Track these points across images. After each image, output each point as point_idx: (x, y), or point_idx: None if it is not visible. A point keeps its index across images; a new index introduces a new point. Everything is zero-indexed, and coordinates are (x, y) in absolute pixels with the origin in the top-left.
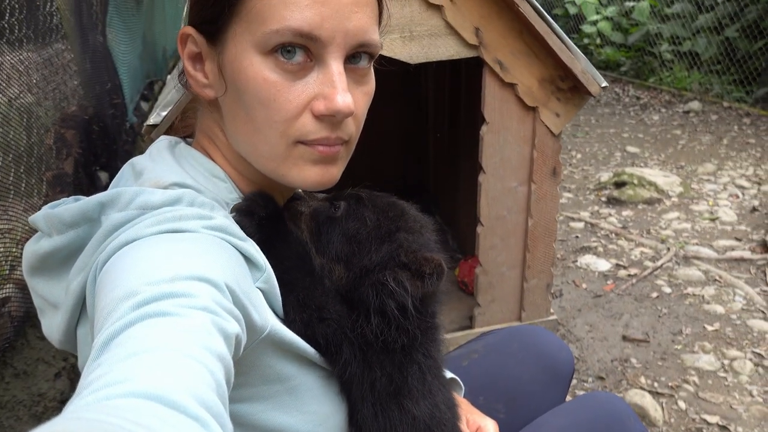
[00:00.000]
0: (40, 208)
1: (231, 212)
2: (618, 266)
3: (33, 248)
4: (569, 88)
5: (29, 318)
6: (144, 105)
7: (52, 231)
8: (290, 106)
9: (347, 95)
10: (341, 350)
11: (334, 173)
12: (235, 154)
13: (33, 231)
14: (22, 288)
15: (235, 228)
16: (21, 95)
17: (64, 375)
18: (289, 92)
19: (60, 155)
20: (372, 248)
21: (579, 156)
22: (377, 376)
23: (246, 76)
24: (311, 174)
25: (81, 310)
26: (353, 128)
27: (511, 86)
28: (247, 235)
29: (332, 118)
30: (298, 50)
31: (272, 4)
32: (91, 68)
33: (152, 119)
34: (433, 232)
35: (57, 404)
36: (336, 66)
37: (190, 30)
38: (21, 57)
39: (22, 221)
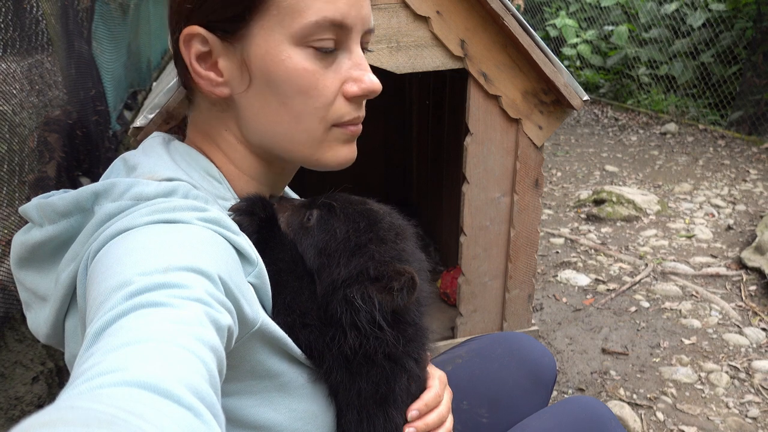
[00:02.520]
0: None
1: (229, 212)
2: (597, 281)
3: (22, 239)
4: (552, 101)
5: (7, 320)
6: (127, 114)
7: (44, 221)
8: (328, 92)
9: (373, 75)
10: (324, 358)
11: (355, 150)
12: (242, 151)
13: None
14: (1, 289)
15: (229, 222)
16: (4, 97)
17: (42, 379)
18: (325, 79)
19: (43, 158)
20: (341, 262)
21: (559, 174)
22: (362, 385)
23: (285, 68)
24: (343, 153)
25: (70, 301)
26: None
27: (495, 98)
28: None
29: (363, 99)
30: (328, 39)
31: None
32: (75, 74)
33: (139, 122)
34: (409, 240)
35: (34, 408)
36: (358, 50)
37: (198, 29)
38: (6, 60)
39: (2, 224)
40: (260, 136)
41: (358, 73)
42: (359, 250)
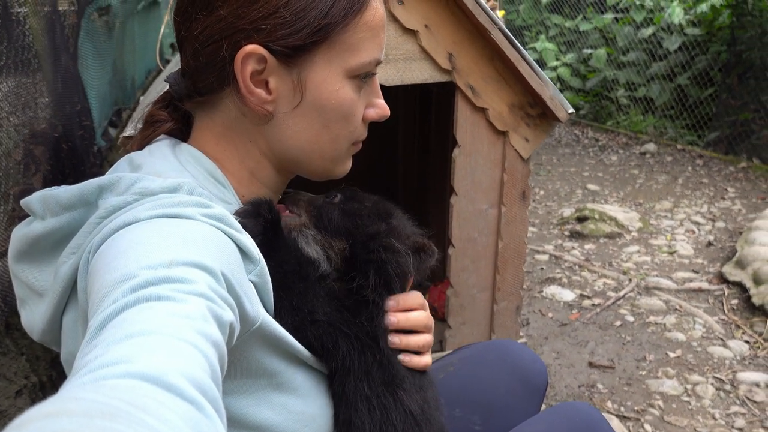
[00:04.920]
0: (5, 223)
1: (235, 215)
2: (582, 296)
3: (23, 231)
4: (538, 114)
5: None
6: (112, 131)
7: (46, 213)
8: (360, 117)
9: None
10: (338, 344)
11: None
12: (261, 160)
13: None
14: None
15: (232, 219)
16: None
17: (26, 393)
18: (360, 106)
19: (29, 171)
20: (373, 221)
21: (542, 193)
22: (372, 363)
23: (337, 97)
24: (348, 165)
25: (69, 296)
26: None
27: (482, 111)
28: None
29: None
30: (371, 74)
31: (365, 38)
32: (62, 88)
33: (128, 131)
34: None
35: None
36: (376, 78)
37: (261, 50)
38: None
39: None
40: (292, 151)
41: (376, 100)
42: (387, 218)
